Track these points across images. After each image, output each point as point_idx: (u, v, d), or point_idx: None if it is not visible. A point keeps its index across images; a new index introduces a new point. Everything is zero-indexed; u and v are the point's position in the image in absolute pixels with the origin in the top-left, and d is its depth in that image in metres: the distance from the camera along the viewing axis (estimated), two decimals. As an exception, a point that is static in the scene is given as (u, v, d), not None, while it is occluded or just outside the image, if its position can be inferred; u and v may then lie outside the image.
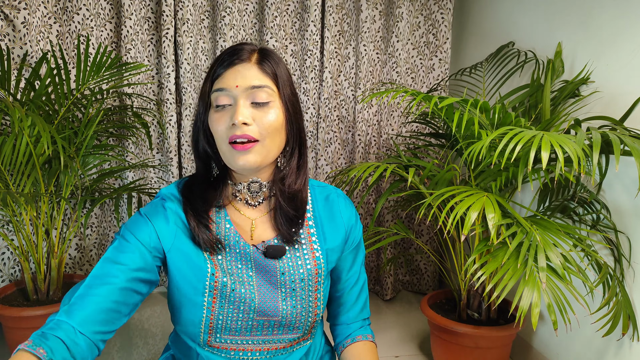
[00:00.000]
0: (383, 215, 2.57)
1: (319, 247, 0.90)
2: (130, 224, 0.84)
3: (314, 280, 0.88)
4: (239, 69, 0.81)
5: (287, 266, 0.87)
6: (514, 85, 2.08)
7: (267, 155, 0.82)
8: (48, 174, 1.78)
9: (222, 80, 0.81)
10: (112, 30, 2.23)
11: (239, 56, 0.82)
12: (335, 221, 0.93)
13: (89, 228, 2.30)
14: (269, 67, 0.83)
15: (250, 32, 2.41)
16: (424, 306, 1.86)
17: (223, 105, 0.81)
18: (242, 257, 0.86)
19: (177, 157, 2.33)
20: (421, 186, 1.70)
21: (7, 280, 2.05)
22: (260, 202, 0.89)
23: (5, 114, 1.68)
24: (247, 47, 0.84)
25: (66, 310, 0.74)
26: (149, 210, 0.85)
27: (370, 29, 2.44)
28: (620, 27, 1.58)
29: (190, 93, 2.31)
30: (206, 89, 0.84)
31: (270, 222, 0.89)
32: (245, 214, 0.89)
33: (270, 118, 0.81)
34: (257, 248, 0.86)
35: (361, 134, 2.50)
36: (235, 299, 0.84)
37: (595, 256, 1.46)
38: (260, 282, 0.86)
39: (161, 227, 0.83)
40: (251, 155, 0.80)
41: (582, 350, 1.72)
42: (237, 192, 0.89)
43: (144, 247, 0.81)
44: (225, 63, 0.82)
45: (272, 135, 0.82)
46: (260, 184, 0.88)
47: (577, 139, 1.27)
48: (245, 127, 0.79)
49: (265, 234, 0.89)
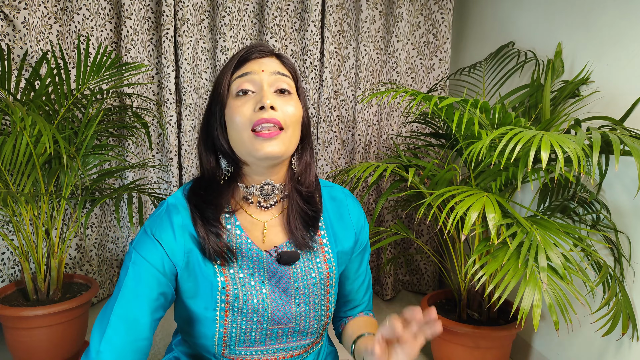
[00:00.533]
0: (383, 215, 2.57)
1: (330, 250, 0.88)
2: (138, 246, 0.79)
3: (326, 284, 0.87)
4: (262, 60, 0.82)
5: (300, 271, 0.84)
6: (514, 85, 2.08)
7: (289, 147, 0.79)
8: (48, 174, 1.78)
9: (246, 67, 0.81)
10: (112, 30, 2.23)
11: (260, 51, 0.83)
12: (344, 222, 0.91)
13: (89, 228, 2.30)
14: (288, 63, 0.85)
15: (250, 32, 2.41)
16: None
17: (246, 91, 0.79)
18: (255, 265, 0.82)
19: (177, 157, 2.33)
20: (421, 186, 1.70)
21: (7, 280, 2.05)
22: (273, 205, 0.86)
23: (6, 114, 1.68)
24: (266, 46, 0.85)
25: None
26: (154, 226, 0.80)
27: (370, 29, 2.45)
28: (620, 27, 1.58)
29: (190, 93, 2.31)
30: (225, 81, 0.81)
31: (281, 225, 0.86)
32: (257, 217, 0.85)
33: (293, 108, 0.80)
34: (270, 254, 0.83)
35: (361, 134, 2.50)
36: (248, 311, 0.81)
37: (596, 256, 1.46)
38: (274, 289, 0.83)
39: (170, 245, 0.79)
40: (275, 143, 0.76)
41: (582, 350, 1.72)
42: (249, 194, 0.85)
43: (158, 271, 0.78)
44: (247, 55, 0.82)
45: (294, 127, 0.80)
46: (273, 186, 0.84)
47: (577, 139, 1.27)
48: (273, 112, 0.76)
49: (276, 238, 0.85)
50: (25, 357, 1.76)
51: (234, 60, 0.82)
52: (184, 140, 2.33)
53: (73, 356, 1.86)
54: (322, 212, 0.89)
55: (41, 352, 1.76)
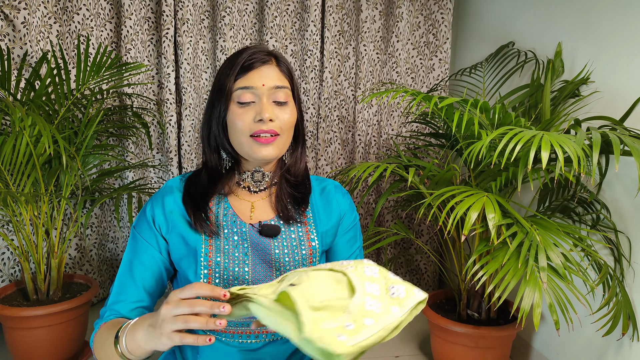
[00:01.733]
0: (383, 215, 2.57)
1: (314, 230, 0.95)
2: (137, 225, 0.93)
3: (309, 261, 0.93)
4: (264, 69, 0.89)
5: (282, 245, 0.91)
6: (513, 85, 2.08)
7: (283, 148, 0.91)
8: (48, 174, 1.78)
9: (248, 79, 0.88)
10: (112, 30, 2.23)
11: (262, 60, 0.90)
12: (331, 208, 0.98)
13: (89, 228, 2.30)
14: (286, 69, 0.93)
15: (250, 32, 2.41)
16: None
17: (248, 102, 0.88)
18: (240, 237, 0.91)
19: (177, 157, 2.33)
20: (421, 186, 1.70)
21: (7, 280, 2.05)
22: (262, 190, 0.96)
23: (6, 114, 1.68)
24: (264, 49, 0.92)
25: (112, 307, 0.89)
26: (149, 206, 0.94)
27: (370, 29, 2.45)
28: (620, 27, 1.58)
29: (190, 93, 2.31)
30: (228, 85, 0.89)
31: (270, 204, 0.95)
32: (245, 199, 0.95)
33: (289, 116, 0.90)
34: (253, 226, 0.92)
35: (361, 134, 2.50)
36: (228, 277, 0.88)
37: (596, 256, 1.46)
38: (256, 260, 0.90)
39: (160, 222, 0.91)
40: (271, 148, 0.88)
41: (582, 350, 1.72)
42: (241, 180, 0.95)
43: (152, 247, 0.91)
44: (250, 63, 0.89)
45: (288, 131, 0.91)
46: (264, 174, 0.94)
47: (577, 138, 1.27)
48: (271, 123, 0.87)
49: (263, 215, 0.94)
50: (25, 357, 1.76)
51: (236, 66, 0.89)
52: (183, 140, 2.33)
53: (73, 356, 1.86)
54: (308, 201, 0.97)
55: (41, 352, 1.76)
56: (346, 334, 0.57)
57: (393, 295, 0.65)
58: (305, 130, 2.45)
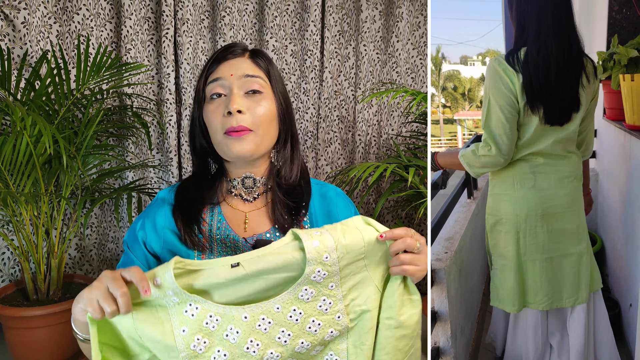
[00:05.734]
0: (383, 215, 2.57)
1: None
2: (128, 240, 0.89)
3: None
4: (233, 62, 0.86)
5: None
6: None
7: (261, 144, 0.85)
8: (48, 174, 1.78)
9: (217, 72, 0.85)
10: (112, 30, 2.23)
11: (233, 52, 0.87)
12: (330, 216, 0.92)
13: (89, 228, 2.30)
14: (262, 62, 0.88)
15: (250, 32, 2.41)
16: (424, 306, 1.86)
17: (219, 94, 0.84)
18: (232, 252, 0.86)
19: (177, 157, 2.33)
20: (421, 186, 1.70)
21: (7, 280, 2.05)
22: (256, 197, 0.91)
23: (6, 114, 1.68)
24: (239, 45, 0.89)
25: None
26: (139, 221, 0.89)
27: (370, 29, 2.45)
28: None
29: (190, 93, 2.31)
30: (200, 86, 0.87)
31: (266, 214, 0.90)
32: (239, 208, 0.90)
33: (263, 108, 0.84)
34: (247, 241, 0.87)
35: (361, 134, 2.50)
36: None
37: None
38: None
39: (150, 238, 0.87)
40: (245, 143, 0.83)
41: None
42: (232, 187, 0.90)
43: (141, 263, 0.86)
44: (219, 58, 0.86)
45: (265, 126, 0.85)
46: (254, 179, 0.89)
47: None
48: (240, 116, 0.82)
49: (259, 227, 0.89)
50: (25, 357, 1.76)
51: (208, 62, 0.87)
52: (183, 141, 2.33)
53: (73, 356, 1.87)
54: (307, 207, 0.91)
55: (41, 352, 1.76)
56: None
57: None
58: (306, 131, 2.46)
